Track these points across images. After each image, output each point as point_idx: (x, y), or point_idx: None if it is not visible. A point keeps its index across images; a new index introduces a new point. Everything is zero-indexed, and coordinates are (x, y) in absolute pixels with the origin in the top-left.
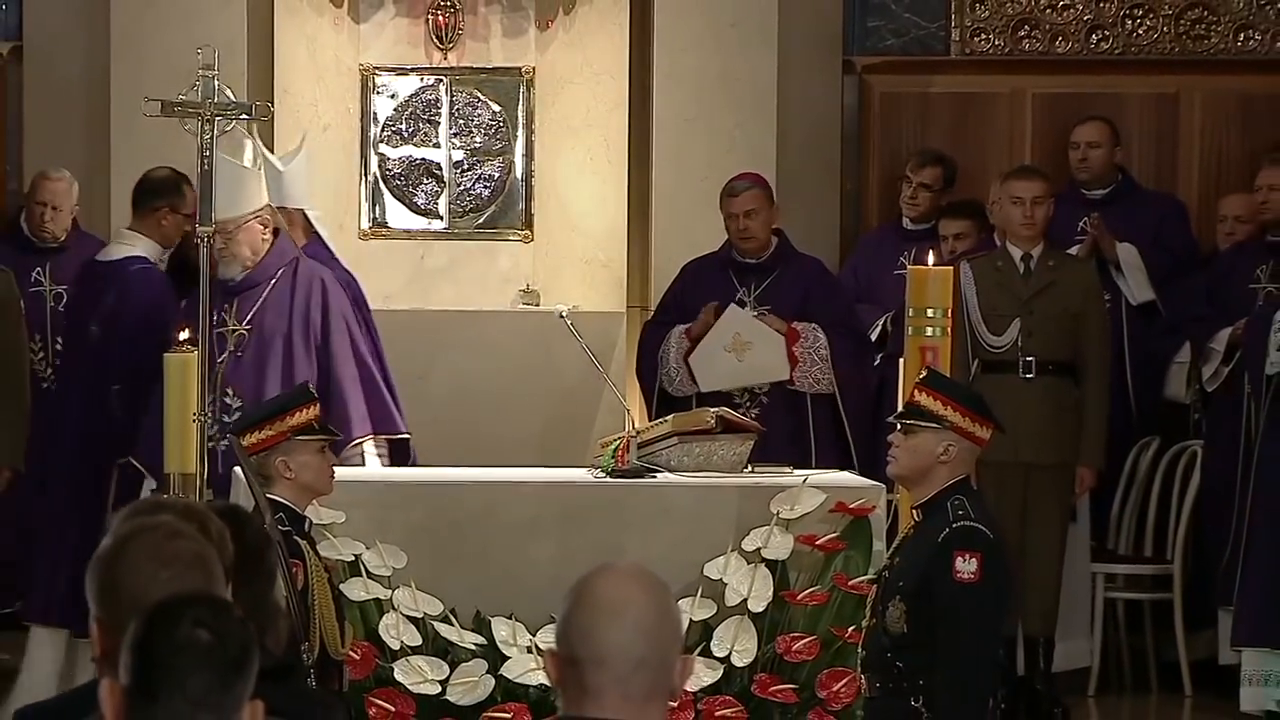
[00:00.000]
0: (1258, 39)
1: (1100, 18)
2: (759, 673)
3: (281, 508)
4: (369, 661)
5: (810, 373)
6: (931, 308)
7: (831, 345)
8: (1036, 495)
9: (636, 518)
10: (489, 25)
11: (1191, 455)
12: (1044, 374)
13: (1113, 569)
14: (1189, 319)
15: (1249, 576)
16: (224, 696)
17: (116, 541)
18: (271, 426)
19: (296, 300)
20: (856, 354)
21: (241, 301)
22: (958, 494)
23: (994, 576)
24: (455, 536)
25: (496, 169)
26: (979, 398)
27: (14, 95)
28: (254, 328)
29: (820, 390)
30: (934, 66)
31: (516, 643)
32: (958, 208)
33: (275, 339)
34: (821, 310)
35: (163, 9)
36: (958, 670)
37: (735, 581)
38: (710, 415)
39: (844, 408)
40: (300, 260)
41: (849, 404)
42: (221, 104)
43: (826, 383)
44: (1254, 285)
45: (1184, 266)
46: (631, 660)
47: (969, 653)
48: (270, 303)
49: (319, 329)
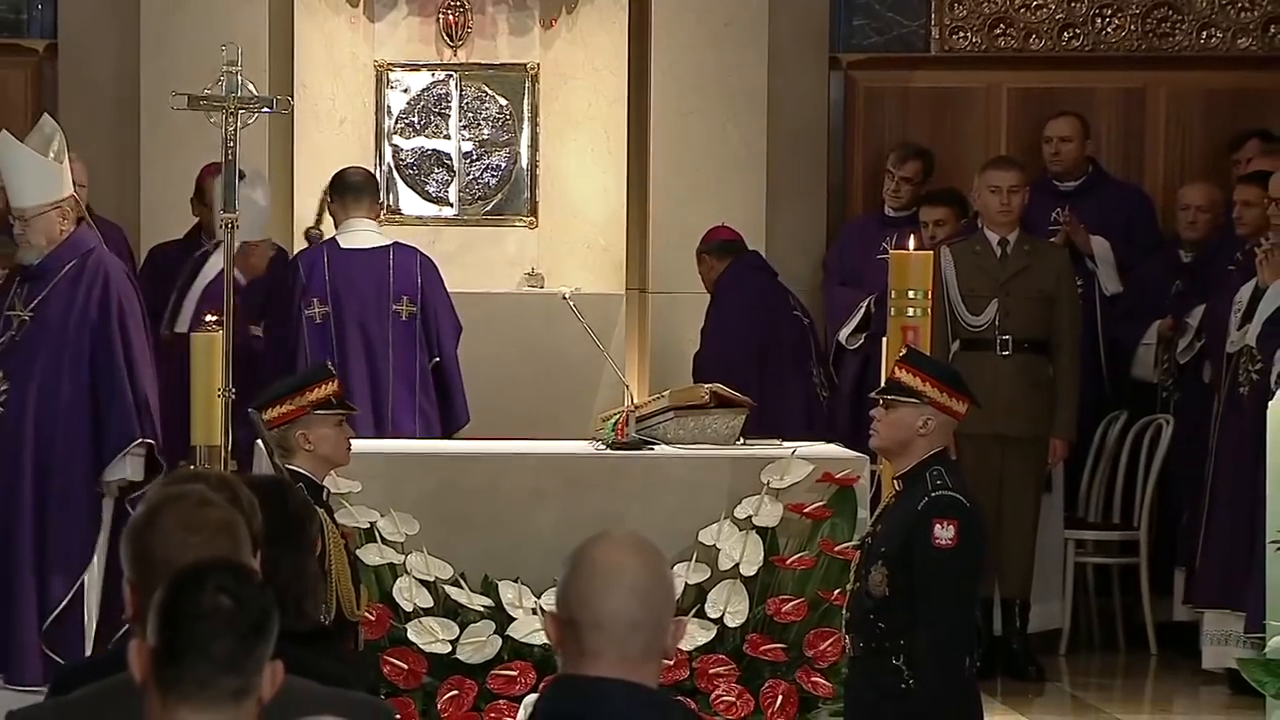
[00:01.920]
0: (1220, 37)
1: (1071, 17)
2: (750, 633)
3: (301, 478)
4: (384, 622)
5: None
6: (913, 289)
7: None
8: (1012, 466)
9: (635, 487)
10: (496, 24)
11: (1157, 428)
12: (1019, 352)
13: (1083, 535)
14: (1149, 303)
15: (1210, 541)
16: (245, 659)
17: (150, 508)
18: (292, 401)
19: (79, 292)
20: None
21: (31, 287)
22: (936, 465)
23: (970, 542)
24: (464, 505)
25: (503, 159)
26: (956, 374)
27: (49, 89)
28: (36, 314)
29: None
30: (915, 63)
31: (522, 605)
32: (938, 196)
33: (54, 326)
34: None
35: (189, 8)
36: (936, 630)
37: (728, 547)
38: (704, 391)
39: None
40: (95, 252)
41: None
42: (244, 98)
43: None
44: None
45: (1148, 255)
46: (627, 622)
47: (947, 614)
48: (56, 292)
49: (95, 323)
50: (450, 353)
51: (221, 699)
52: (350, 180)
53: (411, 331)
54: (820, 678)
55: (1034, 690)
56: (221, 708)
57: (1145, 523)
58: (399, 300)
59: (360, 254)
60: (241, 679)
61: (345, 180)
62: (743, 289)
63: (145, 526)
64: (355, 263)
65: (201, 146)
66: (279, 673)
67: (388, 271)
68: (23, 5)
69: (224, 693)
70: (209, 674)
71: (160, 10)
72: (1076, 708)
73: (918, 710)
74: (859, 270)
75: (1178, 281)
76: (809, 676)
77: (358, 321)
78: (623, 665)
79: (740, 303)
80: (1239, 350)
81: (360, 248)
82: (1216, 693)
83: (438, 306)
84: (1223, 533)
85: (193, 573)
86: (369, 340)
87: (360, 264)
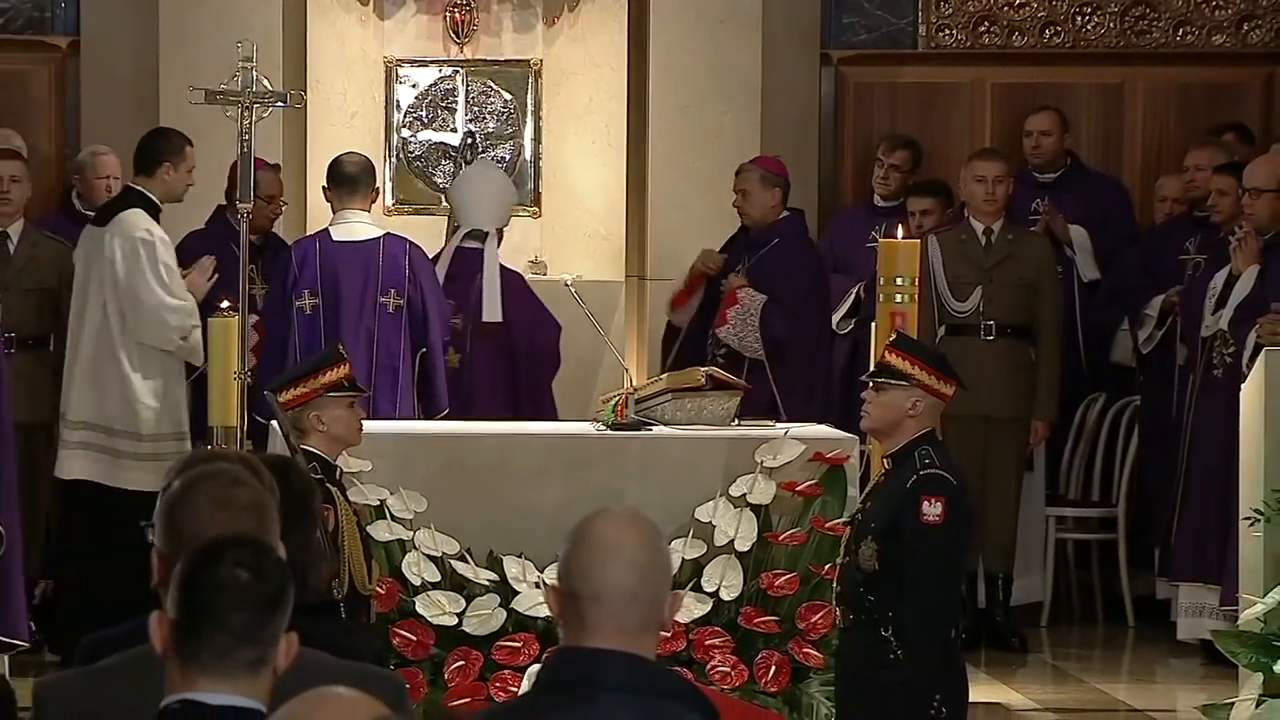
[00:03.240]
0: (1195, 34)
1: (1053, 14)
2: (744, 606)
3: (315, 457)
4: (393, 596)
5: (738, 334)
6: (900, 276)
7: (766, 316)
8: (995, 446)
9: (634, 466)
10: (500, 21)
11: (1135, 410)
12: (1003, 336)
13: (1063, 512)
14: (1127, 290)
15: (1186, 518)
16: (261, 631)
17: (183, 485)
18: (306, 384)
19: None
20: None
21: None
22: (924, 444)
23: (957, 519)
24: (471, 483)
25: (508, 152)
26: (943, 357)
27: (72, 84)
28: None
29: (752, 355)
30: (903, 59)
31: (526, 579)
32: (924, 187)
33: None
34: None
35: (207, 7)
36: (923, 603)
37: (723, 524)
38: (701, 373)
39: (771, 371)
40: None
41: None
42: (259, 93)
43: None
44: (1184, 256)
45: (1124, 244)
46: (625, 595)
47: (934, 587)
48: None
49: None
50: (436, 343)
51: (239, 669)
52: (345, 171)
53: (398, 323)
54: (811, 649)
55: (1016, 661)
56: (238, 677)
57: (1123, 500)
58: (387, 293)
59: (351, 246)
60: (258, 649)
61: (340, 171)
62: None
63: (177, 501)
64: (346, 255)
65: (218, 139)
66: (294, 644)
67: (377, 264)
68: (46, 3)
69: (241, 663)
70: (227, 645)
71: (178, 8)
72: (1057, 677)
73: (905, 679)
74: (849, 258)
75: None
76: (801, 647)
77: (345, 313)
78: (621, 636)
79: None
80: (1213, 334)
81: (351, 240)
82: (1191, 663)
83: (426, 297)
84: (1198, 509)
85: (212, 547)
86: (355, 331)
87: (350, 256)
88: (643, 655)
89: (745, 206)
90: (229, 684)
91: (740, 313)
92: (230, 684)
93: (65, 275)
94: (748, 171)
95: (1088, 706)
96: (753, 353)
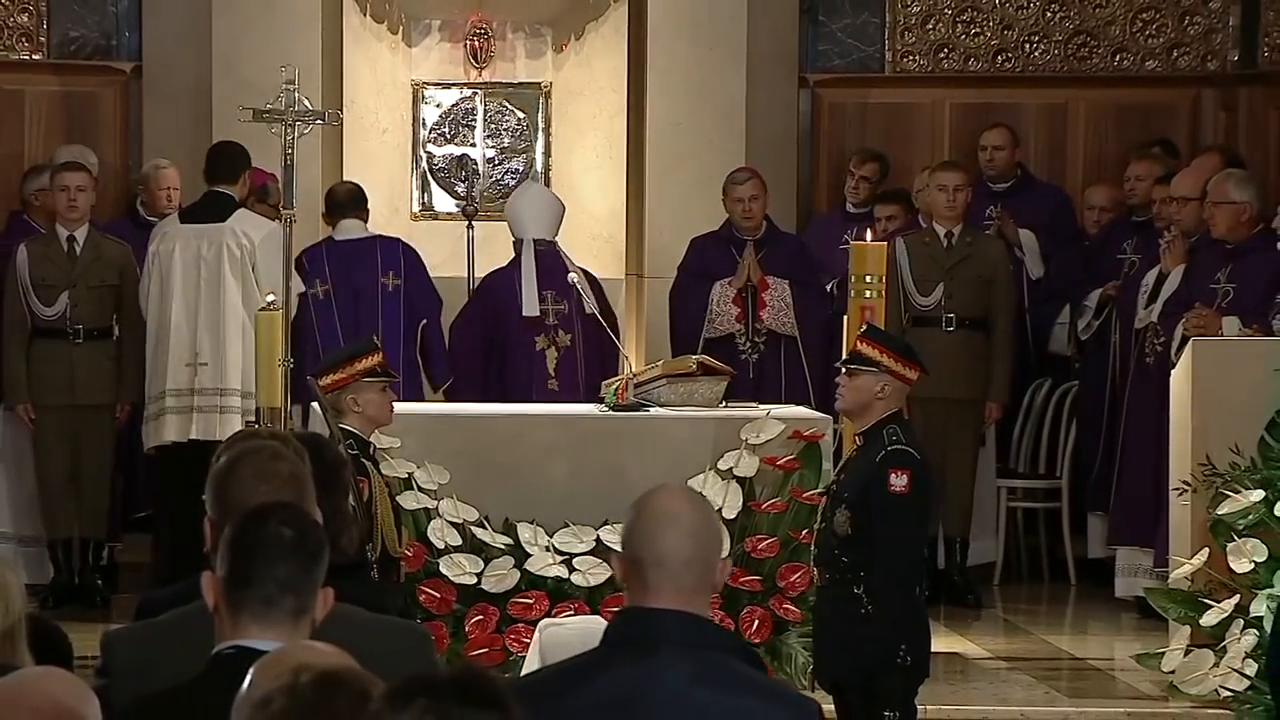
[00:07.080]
0: (1130, 60)
1: (1004, 42)
2: (731, 567)
3: (351, 435)
4: (420, 558)
5: (776, 316)
6: (869, 274)
7: (795, 297)
8: (954, 425)
9: (633, 443)
10: (515, 48)
11: (1077, 393)
12: (962, 328)
13: (1013, 484)
14: (1068, 284)
15: (1123, 488)
16: (303, 583)
17: (230, 460)
18: (343, 370)
19: None
20: (816, 305)
21: None
22: (892, 424)
23: (921, 489)
24: (489, 458)
25: (521, 164)
26: (909, 346)
27: (135, 104)
28: None
29: (785, 331)
30: (871, 82)
31: (538, 543)
32: (889, 195)
33: None
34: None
35: (254, 35)
36: (891, 564)
37: (712, 494)
38: (693, 361)
39: (802, 343)
40: None
41: (806, 340)
42: (301, 112)
43: (789, 325)
44: (1121, 256)
45: (1067, 245)
46: (683, 559)
47: (900, 550)
48: None
49: None
50: (433, 321)
51: (283, 617)
52: (337, 199)
53: (398, 300)
54: (791, 605)
55: (972, 615)
56: (282, 625)
57: (1066, 473)
58: (386, 274)
59: (352, 243)
60: (300, 599)
61: (334, 198)
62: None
63: (226, 474)
64: (348, 249)
65: (264, 154)
66: (329, 597)
67: (376, 253)
68: (113, 31)
69: (286, 611)
70: (273, 594)
71: (230, 37)
72: (1008, 630)
73: (876, 633)
74: (824, 258)
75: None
76: (781, 604)
77: (353, 291)
78: (679, 596)
79: None
80: (1145, 326)
81: (351, 238)
82: (1127, 617)
83: (418, 285)
84: (1133, 481)
85: (258, 510)
86: (362, 307)
87: (352, 250)
88: (699, 613)
89: (755, 209)
90: (274, 631)
91: (773, 296)
92: (275, 631)
93: (126, 272)
94: (755, 179)
95: (1035, 655)
96: (789, 329)
